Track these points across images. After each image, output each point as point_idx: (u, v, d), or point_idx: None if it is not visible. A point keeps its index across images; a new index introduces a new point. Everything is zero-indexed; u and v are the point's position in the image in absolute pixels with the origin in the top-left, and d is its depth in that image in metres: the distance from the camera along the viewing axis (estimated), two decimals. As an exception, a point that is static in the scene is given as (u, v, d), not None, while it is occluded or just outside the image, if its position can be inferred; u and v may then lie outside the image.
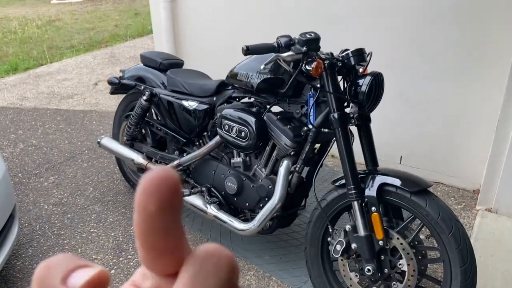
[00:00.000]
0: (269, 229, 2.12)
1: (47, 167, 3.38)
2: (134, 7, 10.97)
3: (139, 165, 2.62)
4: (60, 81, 5.38)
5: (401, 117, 3.07)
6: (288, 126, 1.95)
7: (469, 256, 1.60)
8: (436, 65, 2.85)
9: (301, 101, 1.96)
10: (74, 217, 2.77)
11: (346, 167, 1.76)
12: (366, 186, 1.75)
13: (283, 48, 1.72)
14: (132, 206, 2.86)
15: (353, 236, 1.77)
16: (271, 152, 2.09)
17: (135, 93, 2.80)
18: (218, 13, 3.63)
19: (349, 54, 1.79)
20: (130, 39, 7.56)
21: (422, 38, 2.84)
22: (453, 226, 1.61)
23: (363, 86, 1.74)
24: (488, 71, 2.70)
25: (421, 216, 1.66)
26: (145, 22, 8.81)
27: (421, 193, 1.67)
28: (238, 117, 2.04)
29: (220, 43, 3.69)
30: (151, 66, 2.71)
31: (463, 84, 2.80)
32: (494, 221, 2.62)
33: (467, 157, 2.94)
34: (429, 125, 3.02)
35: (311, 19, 3.21)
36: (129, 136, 2.75)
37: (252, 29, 3.50)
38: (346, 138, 1.77)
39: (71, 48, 6.98)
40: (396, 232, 1.73)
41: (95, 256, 2.42)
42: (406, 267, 1.70)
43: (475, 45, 2.68)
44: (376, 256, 1.73)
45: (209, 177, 2.33)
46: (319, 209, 1.91)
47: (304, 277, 2.23)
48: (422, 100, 2.98)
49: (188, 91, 2.43)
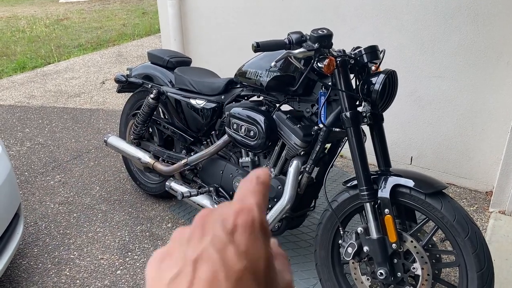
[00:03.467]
0: (278, 230, 2.08)
1: (54, 165, 3.36)
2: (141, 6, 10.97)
3: (146, 164, 2.59)
4: (67, 80, 5.37)
5: (412, 116, 3.02)
6: (298, 125, 1.90)
7: (486, 261, 1.55)
8: (448, 64, 2.79)
9: (312, 99, 1.91)
10: (80, 216, 2.74)
11: (358, 167, 1.71)
12: (379, 187, 1.70)
13: (294, 45, 1.67)
14: (138, 206, 2.83)
15: (365, 238, 1.72)
16: (280, 151, 2.04)
17: (142, 91, 2.77)
18: (227, 12, 3.59)
19: (361, 51, 1.74)
20: (137, 38, 7.54)
21: (434, 37, 2.78)
22: (470, 229, 1.56)
23: (377, 85, 1.69)
24: (503, 71, 2.63)
25: (436, 218, 1.61)
26: (152, 21, 8.80)
27: (436, 195, 1.62)
28: (247, 115, 1.99)
29: (228, 42, 3.65)
30: (158, 64, 2.68)
31: (476, 84, 2.74)
32: (508, 224, 2.56)
33: (479, 158, 2.88)
34: (441, 125, 2.95)
35: (319, 18, 3.16)
36: (136, 134, 2.72)
37: (261, 28, 3.46)
38: (358, 137, 1.72)
39: (78, 47, 6.98)
40: (410, 235, 1.68)
41: (101, 256, 2.39)
42: (420, 271, 1.65)
43: (490, 44, 2.62)
44: (389, 260, 1.68)
45: (216, 177, 2.29)
46: (329, 210, 1.87)
47: (313, 279, 2.18)
48: (434, 99, 2.91)
49: (196, 90, 2.39)
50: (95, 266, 2.32)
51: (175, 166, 2.43)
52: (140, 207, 2.83)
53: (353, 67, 1.75)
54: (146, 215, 2.75)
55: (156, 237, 2.54)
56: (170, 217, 2.73)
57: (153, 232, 2.58)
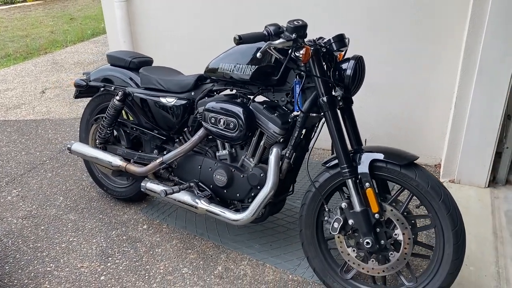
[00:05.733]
0: (262, 217, 2.16)
1: (7, 180, 3.19)
2: (67, 12, 10.52)
3: (118, 168, 2.56)
4: (2, 92, 5.07)
5: (364, 101, 3.22)
6: (275, 114, 1.99)
7: (459, 219, 1.74)
8: (393, 50, 3.03)
9: (286, 89, 2.01)
10: (48, 228, 2.65)
11: (338, 147, 1.83)
12: (358, 164, 1.84)
13: (273, 36, 1.77)
14: (108, 211, 2.79)
15: (349, 212, 1.86)
16: (258, 141, 2.12)
17: (102, 95, 2.73)
18: (178, 11, 3.60)
19: (331, 40, 1.86)
20: (70, 45, 7.26)
21: (380, 27, 3.00)
22: (442, 192, 1.74)
23: (348, 70, 1.82)
24: (442, 55, 2.90)
25: (412, 187, 1.77)
26: (83, 26, 8.48)
27: (409, 166, 1.78)
28: (224, 109, 2.06)
29: (181, 41, 3.67)
30: (119, 65, 2.65)
31: (419, 68, 3.00)
32: (458, 191, 2.84)
33: (427, 135, 3.15)
34: (390, 108, 3.19)
35: (272, 12, 3.28)
36: (102, 138, 2.68)
37: (211, 25, 3.51)
38: (336, 120, 1.84)
39: (7, 57, 6.59)
40: (389, 204, 1.83)
41: (81, 265, 2.33)
42: (401, 237, 1.81)
43: (430, 31, 2.88)
44: (373, 229, 1.83)
45: (195, 172, 2.32)
46: (311, 191, 1.98)
47: (296, 260, 2.29)
48: (383, 84, 3.15)
49: (164, 88, 2.40)
50: (76, 275, 2.26)
51: (150, 166, 2.43)
52: (111, 213, 2.78)
53: (324, 55, 1.88)
54: (118, 219, 2.71)
55: (134, 239, 2.52)
56: (144, 219, 2.71)
57: (130, 235, 2.56)
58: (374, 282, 1.99)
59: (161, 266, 2.30)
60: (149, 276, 2.24)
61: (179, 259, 2.35)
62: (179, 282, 2.19)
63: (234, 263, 2.30)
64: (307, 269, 2.20)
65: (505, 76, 2.55)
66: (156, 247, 2.45)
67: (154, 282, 2.19)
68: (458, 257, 1.75)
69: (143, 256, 2.38)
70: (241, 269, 2.26)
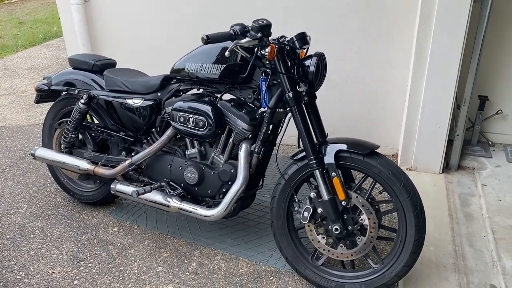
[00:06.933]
0: (234, 211, 2.22)
1: (-34, 191, 3.08)
2: (15, 16, 10.13)
3: (86, 171, 2.54)
4: (-49, 100, 4.84)
5: (324, 97, 3.33)
6: (243, 111, 2.06)
7: (419, 202, 1.87)
8: (350, 48, 3.17)
9: (252, 86, 2.08)
10: (15, 236, 2.59)
11: (305, 140, 1.93)
12: (324, 155, 1.94)
13: (239, 35, 1.83)
14: (76, 216, 2.76)
15: (318, 201, 1.95)
16: (227, 138, 2.18)
17: (65, 98, 2.70)
18: (137, 12, 3.60)
19: (293, 38, 1.95)
20: (22, 50, 7.01)
21: (336, 25, 3.14)
22: (403, 178, 1.87)
23: (311, 66, 1.92)
24: (395, 51, 3.07)
25: (374, 174, 1.89)
26: (33, 30, 8.21)
27: (372, 155, 1.90)
28: (193, 107, 2.10)
29: (142, 42, 3.66)
30: (82, 68, 2.63)
31: (374, 64, 3.16)
32: (415, 178, 3.01)
33: (384, 126, 3.32)
34: (349, 102, 3.34)
35: (230, 13, 3.34)
36: (67, 143, 2.65)
37: (172, 26, 3.53)
38: (302, 114, 1.94)
39: (-47, 64, 6.28)
40: (354, 191, 1.95)
41: (52, 271, 2.31)
42: (367, 221, 1.92)
43: (383, 29, 3.04)
44: (341, 216, 1.93)
45: (165, 172, 2.35)
46: (281, 184, 2.06)
47: (268, 252, 2.37)
48: (341, 80, 3.28)
49: (130, 89, 2.42)
50: (48, 282, 2.24)
51: (119, 168, 2.44)
52: (79, 217, 2.75)
53: (288, 53, 1.96)
54: (88, 223, 2.69)
55: (105, 242, 2.51)
56: (114, 221, 2.71)
57: (101, 239, 2.55)
58: (344, 266, 2.10)
59: (135, 267, 2.32)
60: (124, 277, 2.25)
61: (153, 258, 2.37)
62: (155, 280, 2.21)
63: (208, 259, 2.35)
64: (279, 259, 2.29)
65: (453, 68, 2.74)
66: (128, 248, 2.46)
67: (129, 283, 2.20)
68: (420, 237, 1.88)
69: (116, 258, 2.38)
70: (215, 264, 2.31)
